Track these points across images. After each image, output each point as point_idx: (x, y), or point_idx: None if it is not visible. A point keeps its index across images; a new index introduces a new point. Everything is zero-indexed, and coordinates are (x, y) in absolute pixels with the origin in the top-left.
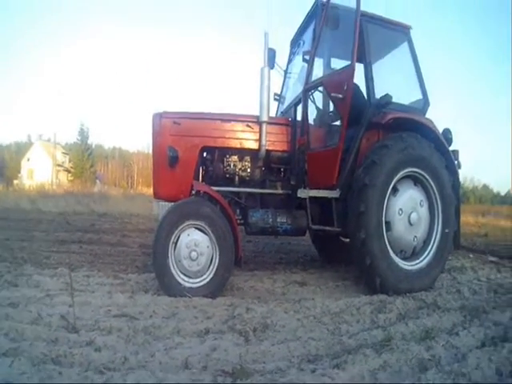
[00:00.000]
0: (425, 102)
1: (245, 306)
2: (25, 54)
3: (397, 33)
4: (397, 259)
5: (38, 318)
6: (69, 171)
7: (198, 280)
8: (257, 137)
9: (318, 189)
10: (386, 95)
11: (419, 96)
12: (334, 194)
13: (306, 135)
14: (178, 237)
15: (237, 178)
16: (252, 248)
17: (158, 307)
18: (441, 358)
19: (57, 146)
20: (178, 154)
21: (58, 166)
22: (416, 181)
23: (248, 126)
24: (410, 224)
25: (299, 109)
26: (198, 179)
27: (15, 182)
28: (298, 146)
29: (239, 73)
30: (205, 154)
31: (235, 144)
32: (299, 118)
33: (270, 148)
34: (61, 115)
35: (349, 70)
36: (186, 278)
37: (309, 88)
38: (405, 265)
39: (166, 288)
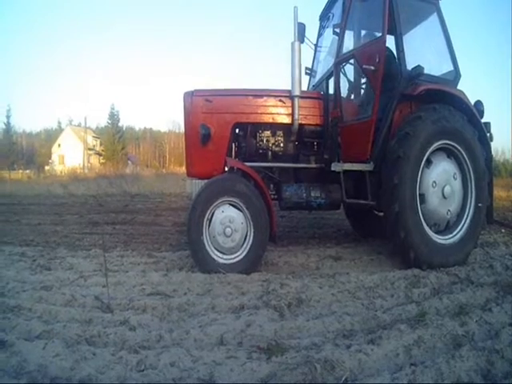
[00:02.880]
0: (456, 74)
1: (279, 281)
2: (53, 41)
3: (426, 4)
4: (430, 233)
5: (72, 300)
6: (100, 154)
7: (232, 256)
8: (289, 111)
9: (352, 162)
10: (418, 66)
11: (450, 68)
12: (368, 166)
13: (339, 108)
14: (213, 213)
15: (270, 153)
16: (286, 223)
17: (193, 284)
18: (474, 335)
19: (87, 130)
20: (210, 132)
21: (89, 150)
22: (449, 153)
23: (280, 100)
24: (444, 197)
25: (331, 82)
26: (231, 156)
27: (46, 168)
28: (330, 119)
29: (271, 49)
30: (237, 131)
31: (267, 119)
32: (331, 91)
33: (303, 122)
34: (91, 99)
35: (380, 42)
36: (220, 255)
37: (340, 61)
38: (439, 239)
39: (200, 264)
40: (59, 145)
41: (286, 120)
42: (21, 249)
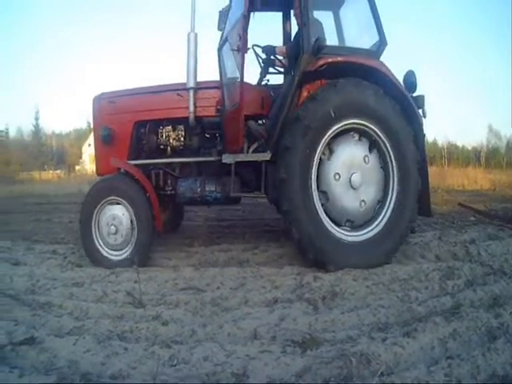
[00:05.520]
0: (380, 43)
1: (313, 274)
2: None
3: None
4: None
5: (103, 296)
6: None
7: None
8: (187, 105)
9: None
10: (318, 39)
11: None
12: (265, 156)
13: (222, 97)
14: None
15: (169, 148)
16: None
17: (225, 279)
18: (509, 327)
19: None
20: (112, 132)
21: None
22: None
23: (178, 94)
24: (353, 188)
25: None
26: (136, 154)
27: (77, 167)
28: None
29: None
30: (138, 129)
31: (166, 115)
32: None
33: (201, 114)
34: None
35: (242, 19)
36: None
37: (220, 46)
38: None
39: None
40: (89, 144)
41: (185, 114)
42: (52, 246)
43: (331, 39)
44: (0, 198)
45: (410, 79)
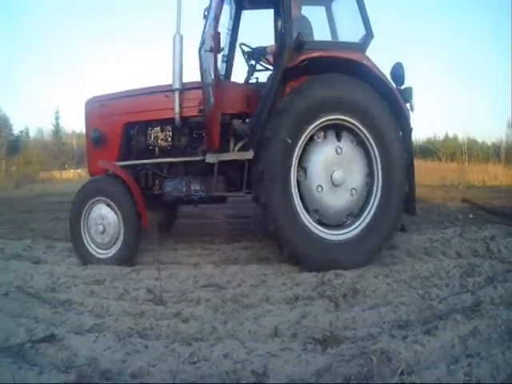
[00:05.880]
0: (367, 36)
1: (334, 271)
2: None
3: None
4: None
5: (124, 293)
6: None
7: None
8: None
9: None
10: (299, 34)
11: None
12: (248, 155)
13: (203, 97)
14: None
15: (157, 149)
16: None
17: (246, 276)
18: None
19: None
20: (103, 134)
21: None
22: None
23: (166, 96)
24: (338, 186)
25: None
26: (126, 155)
27: None
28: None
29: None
30: (128, 130)
31: (154, 116)
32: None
33: (187, 115)
34: None
35: (213, 20)
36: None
37: (200, 46)
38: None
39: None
40: None
41: (172, 115)
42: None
43: (324, 35)
44: (21, 197)
45: (398, 72)
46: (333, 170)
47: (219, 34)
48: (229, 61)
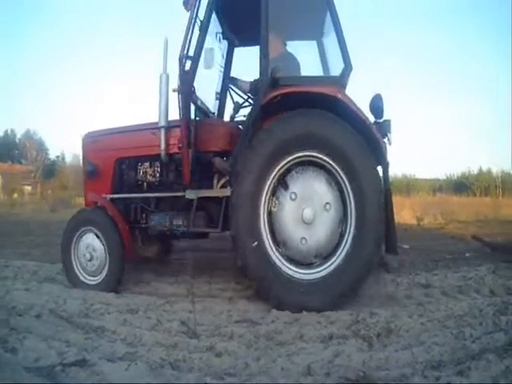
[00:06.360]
0: (345, 69)
1: (369, 310)
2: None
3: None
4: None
5: (158, 324)
6: None
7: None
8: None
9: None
10: (273, 69)
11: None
12: (225, 192)
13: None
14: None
15: (145, 184)
16: None
17: (280, 312)
18: None
19: None
20: (96, 168)
21: None
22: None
23: (153, 133)
24: (309, 223)
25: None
26: (118, 188)
27: None
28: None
29: None
30: (119, 165)
31: (143, 152)
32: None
33: (172, 151)
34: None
35: (178, 63)
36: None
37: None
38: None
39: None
40: None
41: (159, 151)
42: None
43: (315, 69)
44: (56, 221)
45: (377, 104)
46: (303, 208)
47: (186, 73)
48: (221, 99)
